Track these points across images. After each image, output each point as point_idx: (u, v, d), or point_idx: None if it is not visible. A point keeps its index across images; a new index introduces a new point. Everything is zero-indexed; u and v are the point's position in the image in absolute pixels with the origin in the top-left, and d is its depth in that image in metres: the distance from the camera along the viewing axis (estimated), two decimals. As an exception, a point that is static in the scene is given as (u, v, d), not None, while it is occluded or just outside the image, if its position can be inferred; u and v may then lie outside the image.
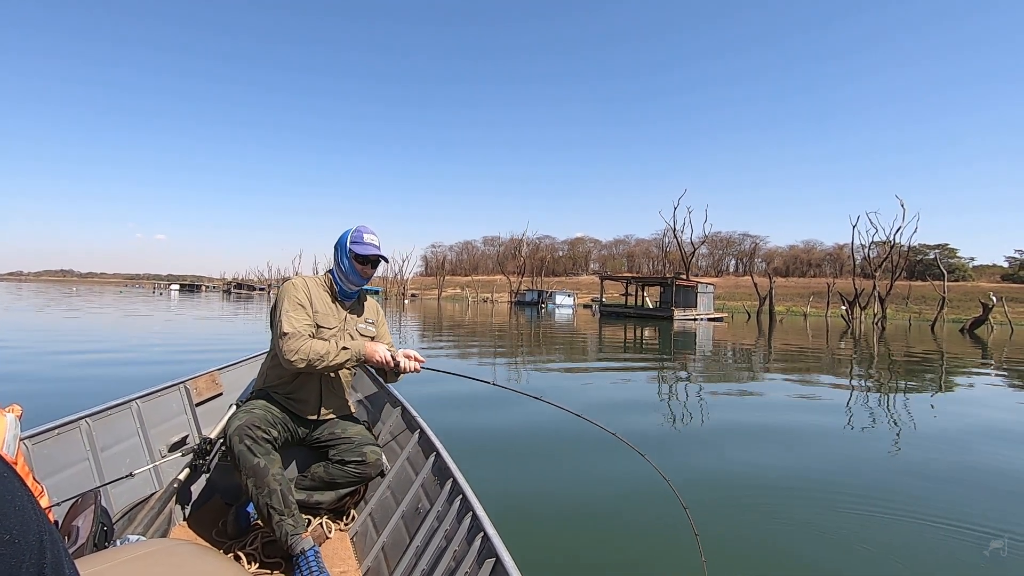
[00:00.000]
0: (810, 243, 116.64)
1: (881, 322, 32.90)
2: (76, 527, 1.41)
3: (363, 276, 2.19)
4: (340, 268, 2.18)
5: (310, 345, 1.96)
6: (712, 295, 38.85)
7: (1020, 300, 57.55)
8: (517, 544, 1.46)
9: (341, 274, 2.19)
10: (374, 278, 2.21)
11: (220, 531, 1.96)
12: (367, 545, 1.93)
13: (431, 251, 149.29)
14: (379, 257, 2.20)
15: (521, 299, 61.49)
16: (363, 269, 2.17)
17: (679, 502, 1.82)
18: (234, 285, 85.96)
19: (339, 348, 2.01)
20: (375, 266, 2.21)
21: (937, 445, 4.24)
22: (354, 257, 2.15)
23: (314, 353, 1.95)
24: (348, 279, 2.19)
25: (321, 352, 1.96)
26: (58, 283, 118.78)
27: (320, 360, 1.96)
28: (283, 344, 1.94)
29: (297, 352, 1.93)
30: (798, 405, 5.88)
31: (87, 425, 1.86)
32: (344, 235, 2.19)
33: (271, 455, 1.84)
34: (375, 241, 2.19)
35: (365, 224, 2.22)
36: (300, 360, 1.93)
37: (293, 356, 1.93)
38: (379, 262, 2.22)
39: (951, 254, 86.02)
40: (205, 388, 2.47)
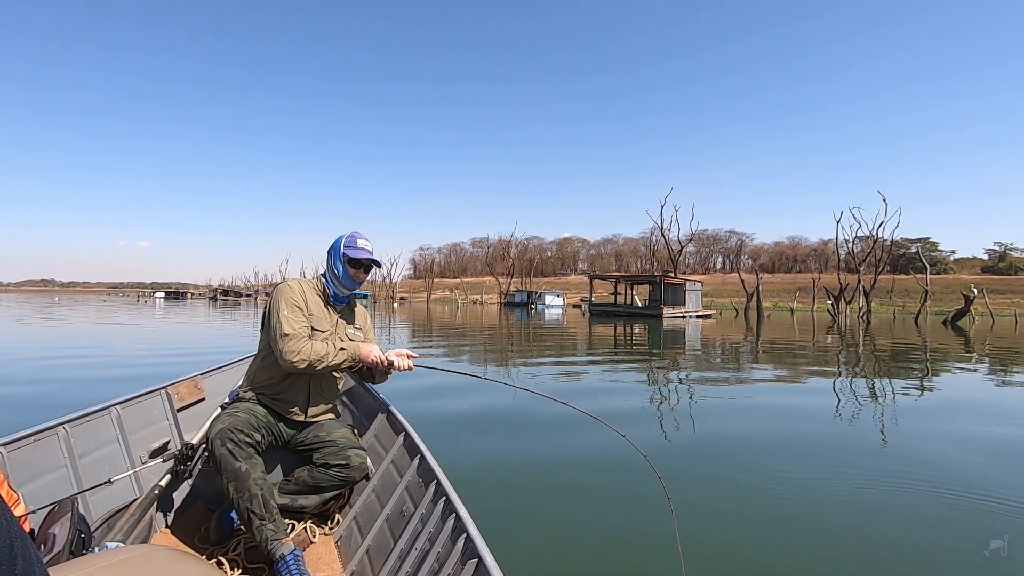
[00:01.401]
0: (795, 239, 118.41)
1: (866, 316, 33.34)
2: (52, 535, 1.39)
3: (356, 280, 2.22)
4: (333, 272, 2.20)
5: (311, 346, 1.99)
6: (700, 292, 39.19)
7: (1000, 291, 58.76)
8: (500, 543, 1.47)
9: (334, 278, 2.21)
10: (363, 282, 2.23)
11: (202, 537, 1.93)
12: (352, 549, 1.92)
13: (419, 254, 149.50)
14: (372, 262, 2.23)
15: (511, 300, 61.58)
16: (356, 273, 2.20)
17: (666, 503, 1.84)
18: (220, 292, 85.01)
19: (337, 349, 2.04)
20: (368, 271, 2.25)
21: (921, 431, 4.32)
22: (348, 261, 2.17)
23: (315, 354, 1.98)
24: (341, 283, 2.21)
25: (321, 353, 1.99)
26: (39, 293, 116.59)
27: (320, 361, 1.99)
28: (284, 345, 1.96)
29: (299, 353, 1.95)
30: (785, 392, 5.96)
31: (65, 432, 1.83)
32: (338, 240, 2.22)
33: (253, 459, 1.84)
34: (368, 246, 2.22)
35: (358, 230, 2.25)
36: (301, 361, 1.95)
37: (295, 357, 1.95)
38: (372, 267, 2.25)
39: (932, 247, 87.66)
40: (187, 393, 2.44)
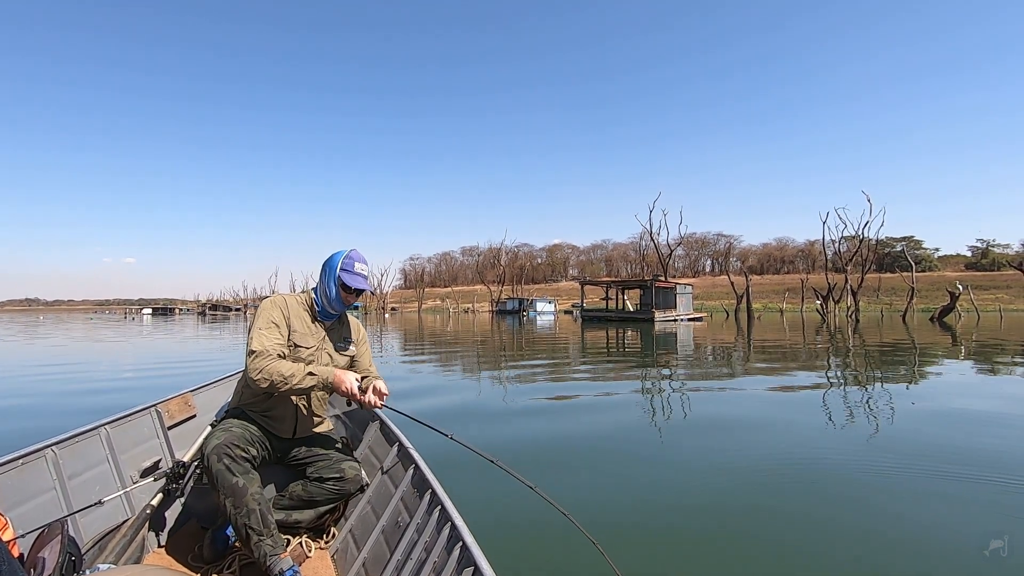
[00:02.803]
0: (782, 240, 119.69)
1: (855, 315, 33.71)
2: (42, 559, 1.36)
3: (346, 304, 2.18)
4: (325, 291, 2.15)
5: (276, 366, 1.91)
6: (691, 295, 39.42)
7: (984, 287, 59.79)
8: (497, 552, 1.46)
9: (324, 297, 2.16)
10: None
11: (196, 556, 1.91)
12: (348, 562, 1.90)
13: (410, 263, 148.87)
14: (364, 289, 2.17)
15: (502, 308, 61.46)
16: (347, 297, 2.16)
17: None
18: (209, 307, 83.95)
19: (305, 372, 1.95)
20: (359, 295, 2.19)
21: (916, 427, 4.37)
22: (341, 285, 2.13)
23: (278, 374, 1.90)
24: (331, 303, 2.16)
25: (286, 374, 1.91)
26: (23, 312, 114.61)
27: (284, 382, 1.90)
28: (249, 362, 1.92)
29: (261, 371, 1.89)
30: (780, 391, 6.00)
31: (53, 453, 1.80)
32: (335, 258, 2.15)
33: (250, 474, 1.82)
34: (364, 272, 2.17)
35: (356, 250, 2.18)
36: (263, 380, 1.89)
37: (257, 375, 1.90)
38: (363, 291, 2.19)
39: (917, 245, 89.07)
40: (177, 411, 2.42)
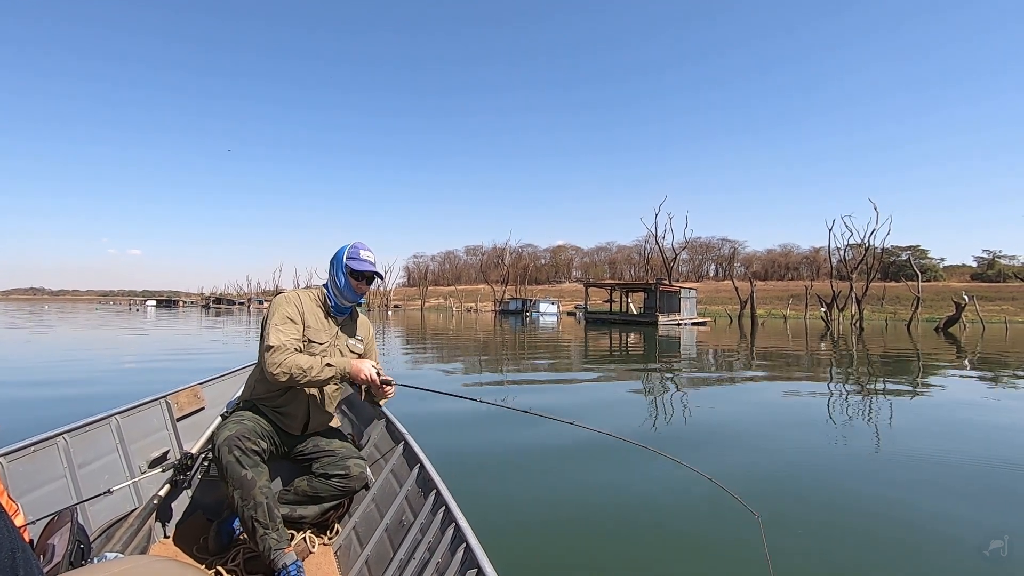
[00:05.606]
0: (787, 247, 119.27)
1: (859, 323, 33.57)
2: (52, 545, 1.37)
3: (358, 292, 2.21)
4: (335, 283, 2.18)
5: (294, 359, 1.93)
6: (695, 300, 39.29)
7: (990, 298, 59.33)
8: (501, 554, 1.46)
9: (336, 289, 2.19)
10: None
11: (201, 547, 1.92)
12: (351, 559, 1.91)
13: (413, 261, 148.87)
14: (375, 274, 2.21)
15: (505, 308, 61.38)
16: (358, 285, 2.19)
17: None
18: (212, 300, 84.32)
19: (323, 364, 1.98)
20: (370, 283, 2.23)
21: (929, 440, 4.35)
22: (350, 272, 2.16)
23: (297, 368, 1.92)
24: (343, 294, 2.19)
25: (304, 367, 1.93)
26: (28, 301, 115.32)
27: (303, 375, 1.93)
28: (267, 357, 1.93)
29: (280, 365, 1.91)
30: (782, 399, 5.99)
31: (64, 442, 1.81)
32: (341, 251, 2.19)
33: (259, 467, 1.83)
34: (371, 258, 2.20)
35: (361, 240, 2.22)
36: (283, 374, 1.91)
37: (276, 369, 1.91)
38: (374, 278, 2.23)
39: (922, 255, 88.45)
40: (187, 403, 2.43)
